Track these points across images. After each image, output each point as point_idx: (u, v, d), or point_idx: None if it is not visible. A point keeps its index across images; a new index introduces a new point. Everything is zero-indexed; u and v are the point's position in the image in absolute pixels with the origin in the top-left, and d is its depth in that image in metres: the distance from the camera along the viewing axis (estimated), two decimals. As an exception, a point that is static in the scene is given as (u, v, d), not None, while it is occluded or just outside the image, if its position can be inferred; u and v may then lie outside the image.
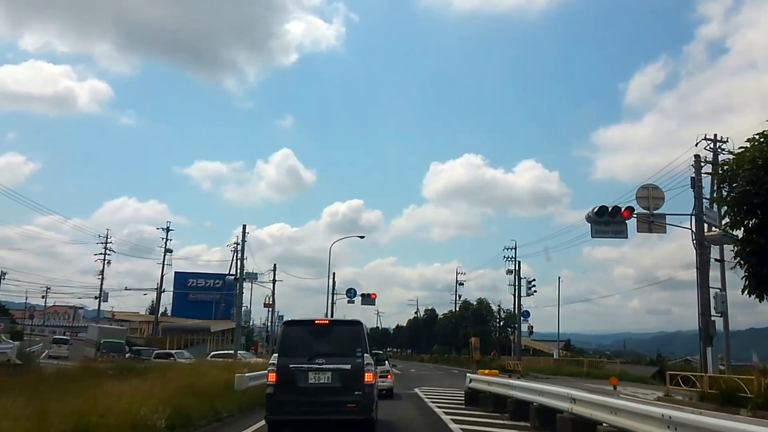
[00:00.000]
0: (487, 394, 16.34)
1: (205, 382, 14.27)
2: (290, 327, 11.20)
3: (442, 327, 73.78)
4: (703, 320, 22.19)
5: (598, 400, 9.70)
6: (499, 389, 15.45)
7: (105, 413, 8.47)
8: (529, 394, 13.38)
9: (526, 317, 46.82)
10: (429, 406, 17.55)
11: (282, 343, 10.70)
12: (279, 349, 10.60)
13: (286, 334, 10.95)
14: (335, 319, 14.15)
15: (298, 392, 9.94)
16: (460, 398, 20.08)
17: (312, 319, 11.55)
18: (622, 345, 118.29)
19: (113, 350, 38.59)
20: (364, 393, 10.08)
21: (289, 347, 10.46)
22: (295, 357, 10.19)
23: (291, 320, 12.25)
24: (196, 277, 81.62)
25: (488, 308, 58.81)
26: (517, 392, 14.19)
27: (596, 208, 22.98)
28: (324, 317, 13.81)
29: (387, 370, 20.84)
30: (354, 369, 10.13)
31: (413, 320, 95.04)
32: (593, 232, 23.20)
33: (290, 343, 10.56)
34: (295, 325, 11.38)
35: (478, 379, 17.31)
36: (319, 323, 11.29)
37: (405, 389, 24.86)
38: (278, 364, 10.13)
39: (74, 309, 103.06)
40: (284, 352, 10.36)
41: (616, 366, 43.81)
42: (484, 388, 16.72)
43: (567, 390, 11.29)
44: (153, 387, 11.79)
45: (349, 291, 48.31)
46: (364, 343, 10.66)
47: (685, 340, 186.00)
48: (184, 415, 10.46)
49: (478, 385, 17.23)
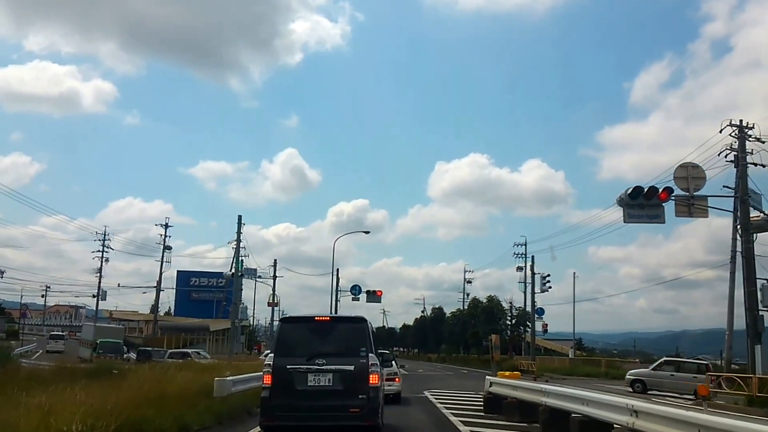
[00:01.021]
0: (512, 400, 14.00)
1: (176, 388, 11.94)
2: (288, 324, 10.62)
3: (450, 326, 71.53)
4: (751, 315, 19.79)
5: (676, 415, 7.33)
6: (528, 395, 13.09)
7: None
8: (569, 402, 11.01)
9: (540, 315, 44.34)
10: (443, 414, 15.24)
11: (278, 342, 10.06)
12: (275, 349, 9.99)
13: (283, 331, 10.30)
14: (337, 316, 12.44)
15: (296, 396, 9.34)
16: (478, 404, 17.77)
17: (312, 316, 10.68)
18: (628, 344, 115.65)
19: (110, 351, 36.33)
20: (369, 397, 9.41)
21: (287, 346, 9.87)
22: (293, 357, 9.58)
23: (288, 317, 11.85)
24: (198, 276, 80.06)
25: (499, 306, 56.29)
26: (552, 400, 11.84)
27: (630, 189, 20.49)
28: (325, 314, 12.38)
29: (394, 372, 18.52)
30: (358, 370, 9.48)
31: (420, 319, 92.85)
32: (626, 216, 20.71)
33: (288, 342, 9.96)
34: (292, 322, 10.80)
35: (501, 382, 14.95)
36: (320, 320, 10.48)
37: (413, 392, 22.61)
38: (274, 365, 9.52)
39: (75, 308, 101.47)
40: (281, 351, 9.75)
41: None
42: (507, 393, 14.38)
43: (626, 400, 8.94)
44: (108, 395, 9.51)
45: (354, 288, 45.99)
46: (369, 341, 9.95)
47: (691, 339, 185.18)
48: (135, 431, 8.17)
49: (500, 390, 14.89)
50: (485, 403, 15.46)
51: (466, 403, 18.20)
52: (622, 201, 20.09)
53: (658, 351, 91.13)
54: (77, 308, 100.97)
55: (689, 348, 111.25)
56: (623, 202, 20.11)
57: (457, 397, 20.70)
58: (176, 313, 78.15)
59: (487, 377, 16.01)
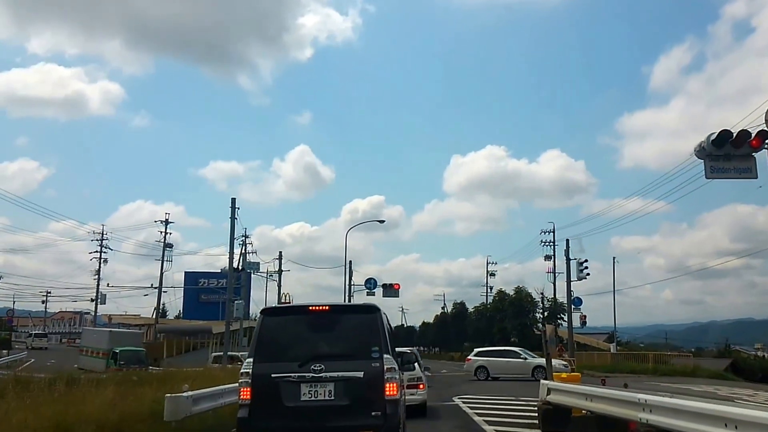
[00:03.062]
0: (585, 414, 9.94)
1: (95, 412, 8.01)
2: (271, 318, 7.85)
3: (473, 321, 67.39)
4: None
5: None
6: (614, 408, 8.96)
7: None
8: (695, 422, 6.95)
9: (577, 305, 40.00)
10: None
11: (259, 342, 7.47)
12: (255, 351, 7.40)
13: (265, 328, 7.60)
14: (339, 304, 8.63)
15: (285, 415, 7.05)
16: (527, 415, 13.72)
17: (304, 305, 8.05)
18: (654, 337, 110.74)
19: (133, 361, 29.46)
20: (386, 413, 7.07)
21: (271, 347, 7.51)
22: (279, 362, 7.29)
23: (272, 307, 9.16)
24: (207, 277, 76.77)
25: (528, 298, 51.91)
26: (658, 417, 7.77)
27: (714, 134, 16.01)
28: (322, 302, 8.29)
29: (418, 377, 14.50)
30: (369, 378, 7.15)
31: (441, 316, 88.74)
32: (708, 171, 16.27)
33: (272, 342, 7.56)
34: (278, 314, 8.25)
35: (567, 389, 10.84)
36: (316, 310, 7.74)
37: (440, 399, 18.59)
38: (254, 374, 7.19)
39: (80, 314, 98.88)
40: (263, 354, 7.37)
41: (688, 360, 36.97)
42: (577, 404, 10.31)
43: None
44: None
45: (369, 281, 42.05)
46: (384, 338, 7.50)
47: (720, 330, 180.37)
48: None
49: (565, 399, 10.80)
50: (543, 417, 11.37)
51: (510, 414, 14.14)
52: (703, 151, 15.69)
53: (686, 343, 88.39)
54: (82, 314, 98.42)
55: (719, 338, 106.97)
56: (704, 152, 15.70)
57: (497, 405, 16.64)
58: (185, 315, 75.42)
59: (542, 382, 11.92)
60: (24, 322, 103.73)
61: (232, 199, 33.97)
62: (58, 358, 42.38)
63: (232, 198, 38.03)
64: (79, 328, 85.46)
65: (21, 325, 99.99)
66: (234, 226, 32.13)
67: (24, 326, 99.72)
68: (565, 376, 13.66)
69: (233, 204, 33.40)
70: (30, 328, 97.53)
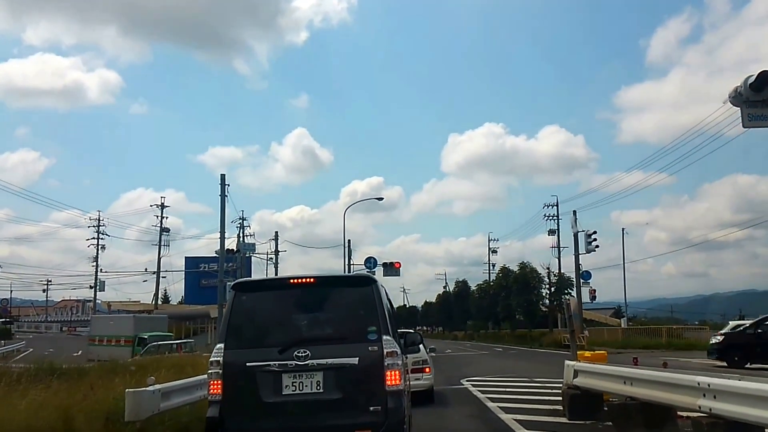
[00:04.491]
0: (626, 401, 8.47)
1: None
2: (245, 294, 6.31)
3: (476, 300, 66.10)
4: None
5: None
6: (664, 394, 7.49)
7: None
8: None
9: (586, 279, 38.56)
10: (505, 424, 9.79)
11: (231, 324, 6.04)
12: (225, 334, 5.98)
13: (238, 306, 6.15)
14: (327, 275, 6.79)
15: (264, 412, 5.66)
16: (547, 400, 12.31)
17: (285, 277, 6.84)
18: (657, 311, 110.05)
19: (164, 347, 27.45)
20: (387, 408, 5.62)
21: (246, 330, 6.08)
22: (256, 347, 5.89)
23: (245, 280, 7.48)
24: (207, 262, 75.61)
25: (534, 273, 50.45)
26: (727, 405, 6.29)
27: (751, 77, 14.05)
28: (306, 274, 6.55)
29: (423, 360, 13.07)
30: (366, 364, 5.72)
31: (443, 295, 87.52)
32: (746, 118, 14.39)
33: (247, 323, 6.13)
34: (253, 289, 6.60)
35: (598, 371, 9.35)
36: (298, 283, 6.26)
37: (448, 382, 17.22)
38: (225, 362, 5.78)
39: (82, 302, 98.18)
40: (236, 339, 5.94)
41: (705, 333, 35.55)
42: (610, 389, 8.85)
43: None
44: None
45: (369, 260, 40.50)
46: (383, 316, 6.00)
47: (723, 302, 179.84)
48: None
49: (596, 383, 9.32)
50: (569, 404, 9.89)
51: (527, 399, 12.69)
52: (739, 97, 13.78)
53: (689, 316, 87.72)
54: (84, 302, 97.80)
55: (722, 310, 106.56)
56: (741, 98, 13.79)
57: (510, 388, 15.20)
58: (186, 300, 74.15)
59: (567, 363, 10.44)
60: (26, 312, 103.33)
61: (222, 176, 32.69)
62: (57, 347, 41.03)
63: (221, 174, 36.70)
64: (82, 316, 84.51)
65: (23, 315, 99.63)
66: (224, 203, 30.83)
67: (26, 316, 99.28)
68: (588, 354, 12.17)
69: (222, 180, 32.06)
70: (32, 318, 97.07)
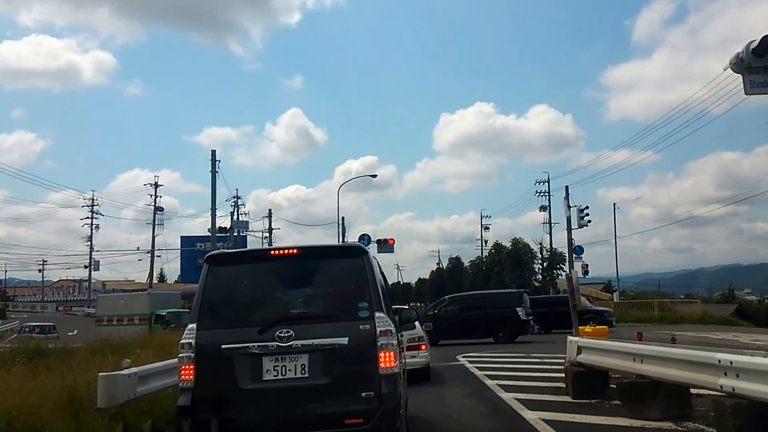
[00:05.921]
0: (635, 379, 7.97)
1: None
2: (220, 267, 5.61)
3: (470, 276, 66.04)
4: None
5: None
6: (680, 372, 6.98)
7: None
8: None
9: (579, 254, 38.31)
10: (505, 403, 9.30)
11: (205, 301, 5.36)
12: (198, 312, 5.30)
13: (212, 280, 5.47)
14: (312, 246, 5.89)
15: (243, 400, 5.05)
16: (547, 377, 11.88)
17: (265, 249, 6.79)
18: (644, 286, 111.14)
19: (181, 323, 25.95)
20: (381, 393, 5.02)
21: (221, 308, 5.42)
22: (233, 327, 5.25)
23: (220, 252, 6.09)
24: (203, 241, 75.14)
25: (526, 249, 50.18)
26: (753, 384, 5.76)
27: (754, 42, 13.34)
28: (288, 245, 4.82)
29: (419, 336, 12.59)
30: (357, 345, 5.11)
31: (437, 271, 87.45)
32: (748, 85, 13.72)
33: (222, 300, 5.47)
34: (230, 262, 5.86)
35: (606, 348, 8.84)
36: (279, 255, 5.66)
37: (444, 359, 16.89)
38: (198, 344, 5.15)
39: (78, 282, 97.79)
40: (210, 318, 5.29)
41: (696, 306, 35.47)
42: (622, 367, 8.34)
43: None
44: None
45: (363, 237, 39.97)
46: (375, 290, 5.36)
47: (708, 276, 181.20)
48: None
49: (602, 360, 8.82)
50: (573, 382, 9.39)
51: (527, 377, 12.23)
52: (741, 63, 13.09)
53: (675, 290, 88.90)
54: (80, 282, 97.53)
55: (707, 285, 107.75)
56: (742, 64, 13.11)
57: (507, 364, 14.78)
58: (183, 280, 73.35)
59: (570, 338, 9.95)
60: (22, 292, 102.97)
61: (212, 152, 32.20)
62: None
63: (212, 150, 35.99)
64: (78, 296, 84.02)
65: (19, 295, 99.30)
66: (215, 179, 30.22)
67: (23, 296, 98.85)
68: (589, 330, 11.68)
69: (213, 156, 31.42)
70: (28, 298, 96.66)
